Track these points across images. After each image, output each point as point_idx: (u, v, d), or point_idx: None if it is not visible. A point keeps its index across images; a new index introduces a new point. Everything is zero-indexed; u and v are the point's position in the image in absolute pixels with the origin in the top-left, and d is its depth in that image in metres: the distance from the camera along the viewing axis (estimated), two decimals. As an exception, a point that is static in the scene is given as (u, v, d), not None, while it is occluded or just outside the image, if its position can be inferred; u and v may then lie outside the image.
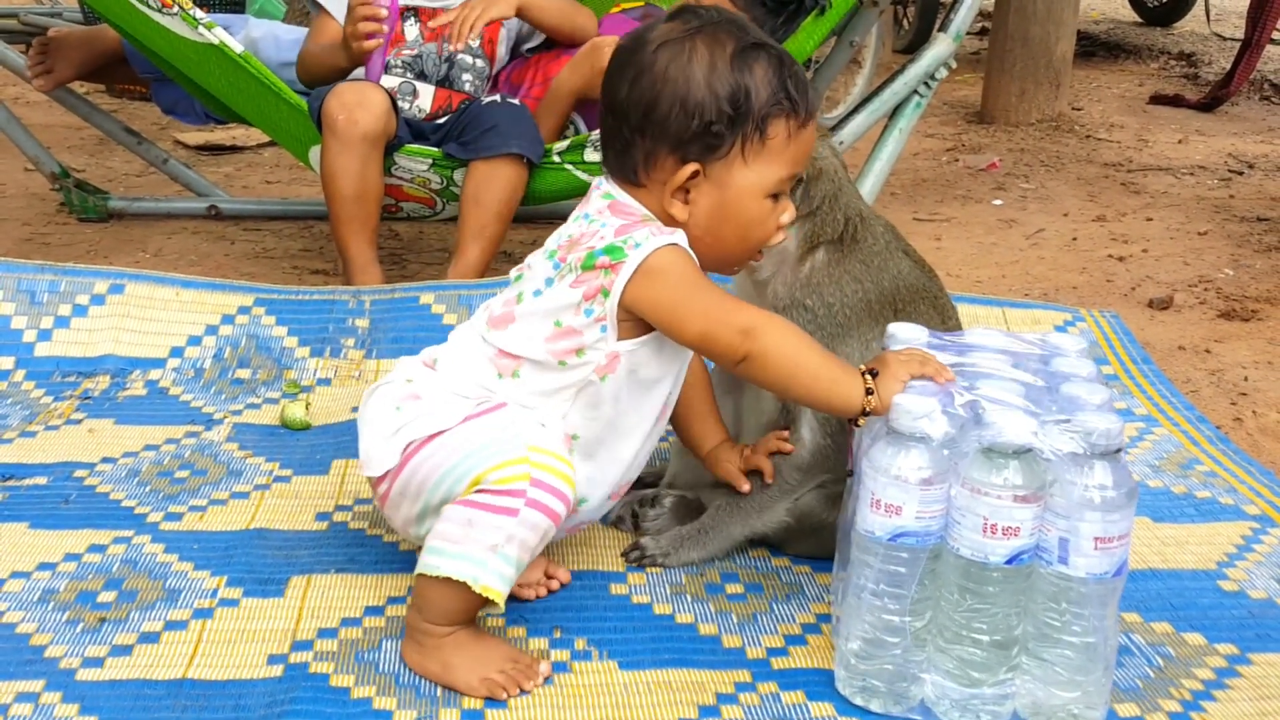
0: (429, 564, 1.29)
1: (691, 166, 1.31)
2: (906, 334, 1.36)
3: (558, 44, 2.65)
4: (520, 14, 2.53)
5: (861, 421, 1.27)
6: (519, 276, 1.39)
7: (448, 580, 1.28)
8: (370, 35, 2.35)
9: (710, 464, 1.54)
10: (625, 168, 1.35)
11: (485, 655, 1.29)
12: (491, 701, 1.26)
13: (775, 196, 1.34)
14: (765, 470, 1.49)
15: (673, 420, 1.51)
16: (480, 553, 1.27)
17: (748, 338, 1.29)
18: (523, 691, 1.27)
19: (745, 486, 1.50)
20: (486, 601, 1.29)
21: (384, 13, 2.37)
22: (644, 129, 1.32)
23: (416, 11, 2.54)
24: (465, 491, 1.30)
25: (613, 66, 1.35)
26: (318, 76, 2.48)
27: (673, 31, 1.32)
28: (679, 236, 1.32)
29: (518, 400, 1.36)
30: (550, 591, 1.45)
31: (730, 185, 1.32)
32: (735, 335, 1.29)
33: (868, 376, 1.27)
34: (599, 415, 1.36)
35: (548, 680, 1.29)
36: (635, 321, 1.32)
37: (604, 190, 1.37)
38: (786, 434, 1.49)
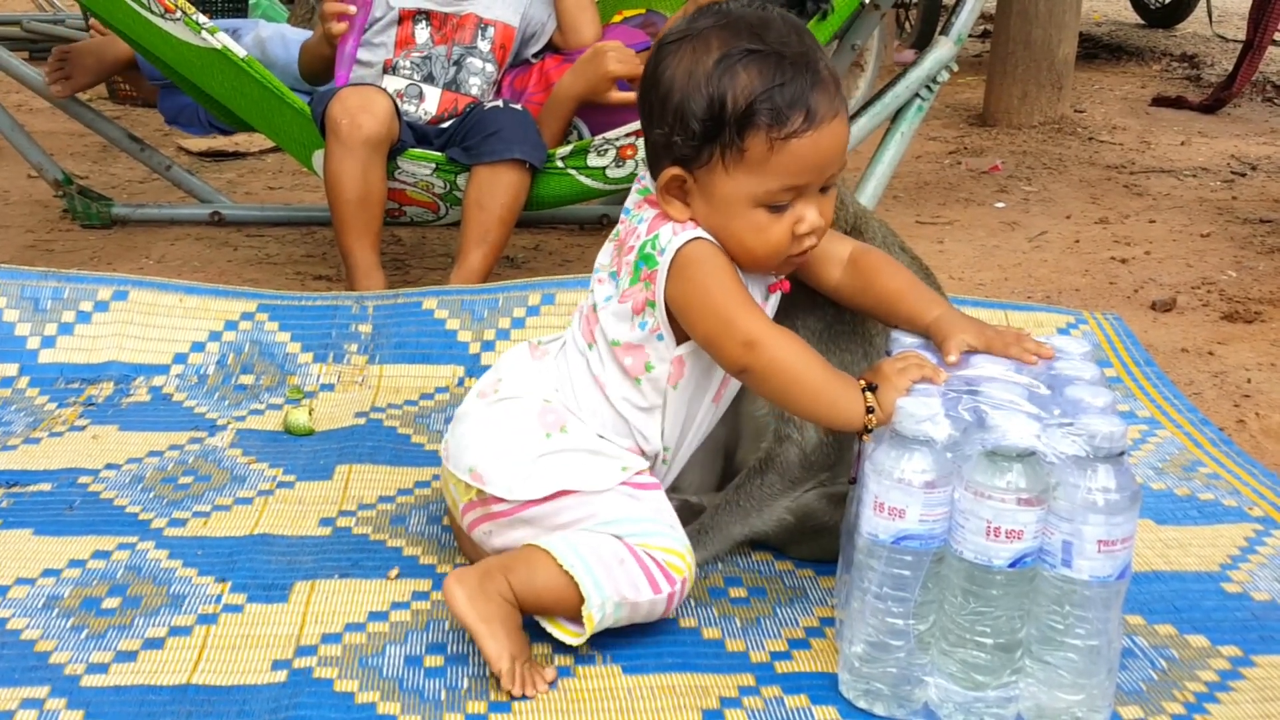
0: (566, 556, 1.30)
1: (675, 170, 1.31)
2: (912, 339, 1.37)
3: (560, 50, 2.66)
4: None
5: (867, 437, 1.27)
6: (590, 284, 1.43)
7: (564, 580, 1.29)
8: (341, 17, 2.41)
9: (933, 334, 1.36)
10: (648, 160, 1.37)
11: (519, 643, 1.29)
12: (495, 705, 1.26)
13: (776, 207, 1.29)
14: (1034, 355, 1.30)
15: (876, 312, 1.45)
16: (610, 590, 1.30)
17: (749, 350, 1.29)
18: (524, 696, 1.27)
19: (953, 358, 1.30)
20: (558, 622, 1.32)
21: (352, 9, 2.41)
22: (644, 127, 1.35)
23: (428, 15, 2.55)
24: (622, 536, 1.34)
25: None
26: (313, 69, 2.55)
27: (676, 32, 1.31)
28: (703, 229, 1.33)
29: (624, 419, 1.40)
30: None
31: (715, 194, 1.30)
32: (738, 346, 1.30)
33: (868, 394, 1.26)
34: (680, 421, 1.41)
35: (551, 685, 1.29)
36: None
37: (642, 185, 1.39)
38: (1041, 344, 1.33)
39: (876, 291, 1.42)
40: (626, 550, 1.33)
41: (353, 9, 2.43)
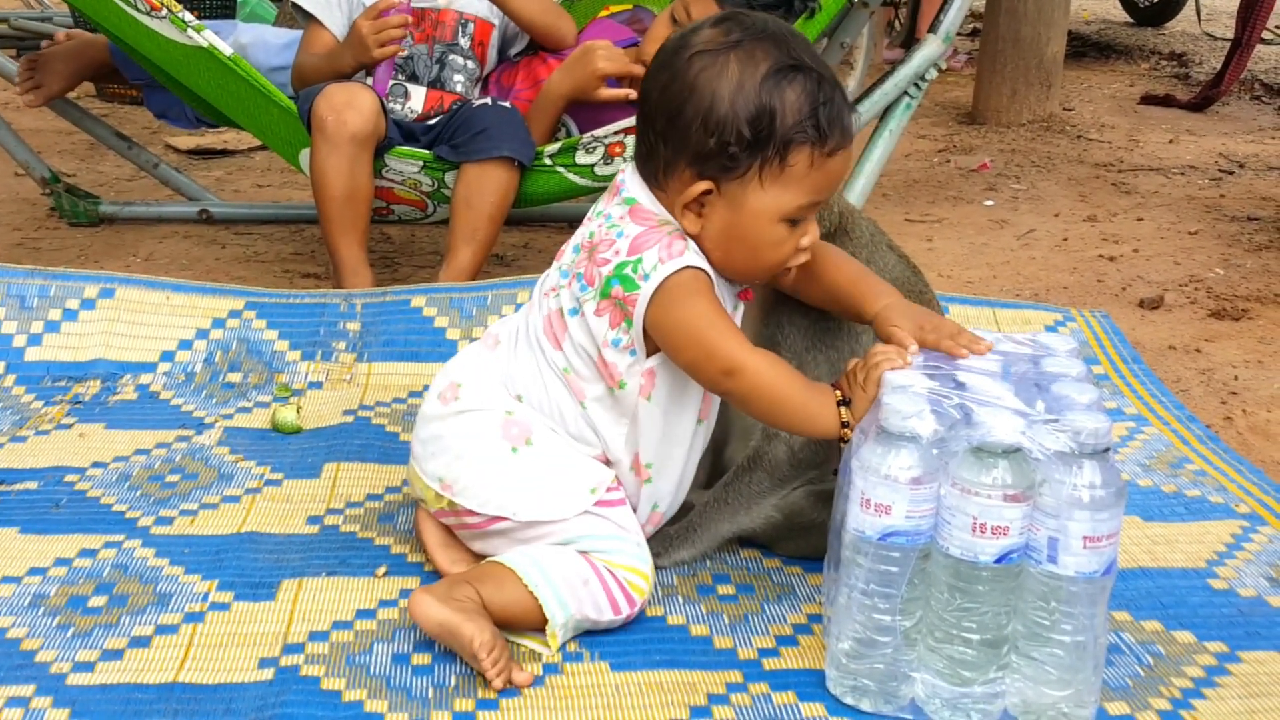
0: (531, 576, 1.32)
1: (704, 184, 1.30)
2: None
3: (543, 48, 2.65)
4: None
5: (843, 445, 1.30)
6: (550, 283, 1.41)
7: (529, 598, 1.32)
8: (393, 41, 2.35)
9: (876, 326, 1.38)
10: (648, 169, 1.36)
11: (497, 633, 1.29)
12: (483, 703, 1.26)
13: (794, 221, 1.32)
14: (955, 353, 1.29)
15: (825, 305, 1.46)
16: (574, 609, 1.33)
17: (730, 377, 1.31)
18: (506, 687, 1.27)
19: (912, 348, 1.30)
20: (524, 634, 1.34)
21: (409, 19, 2.39)
22: (667, 136, 1.31)
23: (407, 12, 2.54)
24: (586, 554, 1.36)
25: (652, 66, 1.34)
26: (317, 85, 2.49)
27: (712, 40, 1.29)
28: (689, 255, 1.32)
29: (592, 424, 1.40)
30: None
31: (744, 207, 1.30)
32: (718, 374, 1.32)
33: (843, 409, 1.30)
34: (653, 434, 1.40)
35: (538, 680, 1.29)
36: None
37: (627, 192, 1.37)
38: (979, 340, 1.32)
39: (824, 284, 1.43)
40: (591, 570, 1.35)
41: (403, 31, 2.36)
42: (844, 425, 1.29)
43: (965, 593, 1.19)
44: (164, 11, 2.24)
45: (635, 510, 1.44)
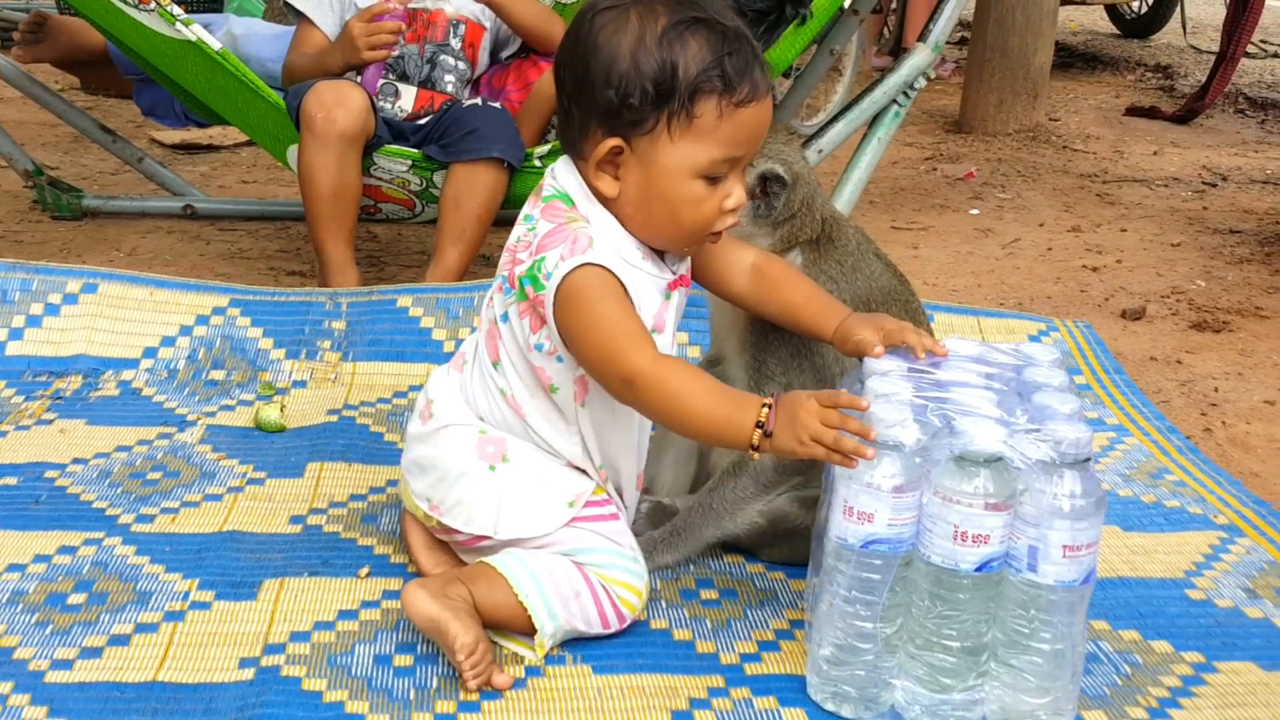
0: (523, 585, 1.32)
1: (613, 141, 1.28)
2: (888, 362, 1.36)
3: (535, 51, 2.65)
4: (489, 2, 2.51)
5: (754, 454, 1.26)
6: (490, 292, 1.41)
7: (520, 604, 1.32)
8: (385, 46, 2.36)
9: (838, 342, 1.39)
10: (568, 139, 1.35)
11: (484, 637, 1.30)
12: (465, 705, 1.26)
13: (714, 179, 1.29)
14: (915, 348, 1.32)
15: (780, 321, 1.45)
16: (564, 621, 1.33)
17: (628, 386, 1.28)
18: (485, 690, 1.27)
19: (879, 351, 1.33)
20: (511, 636, 1.34)
21: (403, 26, 2.39)
22: (576, 98, 1.31)
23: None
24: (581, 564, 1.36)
25: (566, 32, 1.34)
26: (308, 80, 2.48)
27: (610, 0, 1.29)
28: (592, 252, 1.28)
29: (544, 441, 1.39)
30: None
31: (655, 163, 1.28)
32: (618, 382, 1.29)
33: (767, 412, 1.23)
34: (604, 438, 1.40)
35: (519, 683, 1.29)
36: None
37: (549, 187, 1.36)
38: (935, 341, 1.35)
39: (780, 302, 1.43)
40: (584, 583, 1.35)
41: (395, 37, 2.37)
42: (766, 436, 1.24)
43: (946, 600, 1.20)
44: (153, 5, 2.23)
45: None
